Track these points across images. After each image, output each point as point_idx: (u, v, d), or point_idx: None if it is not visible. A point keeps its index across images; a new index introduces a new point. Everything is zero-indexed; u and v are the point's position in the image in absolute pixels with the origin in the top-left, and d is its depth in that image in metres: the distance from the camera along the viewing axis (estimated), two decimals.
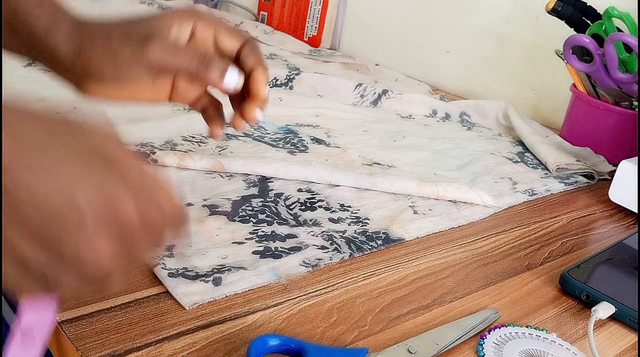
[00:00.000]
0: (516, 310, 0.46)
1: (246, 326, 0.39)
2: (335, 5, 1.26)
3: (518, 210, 0.64)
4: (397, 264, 0.50)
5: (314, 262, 0.48)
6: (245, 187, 0.59)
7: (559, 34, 0.81)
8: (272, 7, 1.36)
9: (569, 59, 0.78)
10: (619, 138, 0.79)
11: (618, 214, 0.67)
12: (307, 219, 0.54)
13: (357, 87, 0.94)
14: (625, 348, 0.44)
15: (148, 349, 0.36)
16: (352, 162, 0.69)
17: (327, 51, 1.22)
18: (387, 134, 0.81)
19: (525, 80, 1.03)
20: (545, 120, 0.99)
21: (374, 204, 0.59)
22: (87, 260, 0.26)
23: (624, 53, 0.75)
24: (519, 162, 0.78)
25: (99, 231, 0.26)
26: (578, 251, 0.57)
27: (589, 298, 0.47)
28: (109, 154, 0.28)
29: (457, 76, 1.12)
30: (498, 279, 0.50)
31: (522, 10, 1.01)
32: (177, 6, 0.45)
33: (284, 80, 0.94)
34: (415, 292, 0.46)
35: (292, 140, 0.72)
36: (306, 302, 0.43)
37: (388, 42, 1.22)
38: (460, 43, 1.11)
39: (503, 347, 0.41)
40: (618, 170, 0.66)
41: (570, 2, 0.80)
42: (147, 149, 0.61)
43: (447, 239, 0.55)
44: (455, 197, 0.62)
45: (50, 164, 0.25)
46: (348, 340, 0.40)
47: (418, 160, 0.73)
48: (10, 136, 0.25)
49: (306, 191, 0.60)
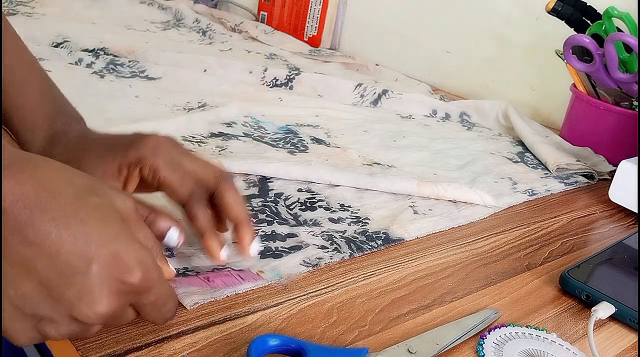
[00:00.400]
0: (516, 310, 0.46)
1: (246, 326, 0.39)
2: (335, 5, 1.26)
3: (518, 210, 0.64)
4: (397, 264, 0.50)
5: (314, 261, 0.48)
6: (245, 187, 0.59)
7: (559, 34, 0.81)
8: (272, 7, 1.36)
9: (569, 59, 0.78)
10: (619, 138, 0.79)
11: (618, 214, 0.67)
12: (307, 219, 0.54)
13: (357, 87, 0.94)
14: (625, 348, 0.44)
15: (148, 349, 0.36)
16: (352, 162, 0.69)
17: (327, 51, 1.22)
18: (387, 134, 0.81)
19: (525, 80, 1.03)
20: (545, 120, 0.99)
21: (374, 204, 0.59)
22: (83, 309, 0.30)
23: (624, 53, 0.75)
24: (519, 162, 0.78)
25: (103, 285, 0.30)
26: (578, 251, 0.57)
27: (589, 298, 0.47)
28: (125, 218, 0.32)
29: (457, 76, 1.12)
30: (498, 279, 0.50)
31: (522, 10, 1.01)
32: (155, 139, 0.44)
33: (284, 80, 0.94)
34: (415, 292, 0.46)
35: (292, 140, 0.72)
36: (306, 302, 0.43)
37: (388, 42, 1.22)
38: (460, 43, 1.11)
39: (503, 347, 0.41)
40: (618, 170, 0.66)
41: (570, 2, 0.80)
42: None
43: (447, 239, 0.55)
44: (455, 197, 0.62)
45: (75, 225, 0.29)
46: (348, 340, 0.40)
47: (418, 160, 0.73)
48: (44, 190, 0.29)
49: (306, 191, 0.60)
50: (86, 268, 0.29)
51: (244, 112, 0.78)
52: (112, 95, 0.79)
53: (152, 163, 0.42)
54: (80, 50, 0.92)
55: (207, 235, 0.42)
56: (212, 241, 0.42)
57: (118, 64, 0.89)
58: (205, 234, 0.42)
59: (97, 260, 0.29)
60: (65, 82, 0.81)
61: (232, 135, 0.71)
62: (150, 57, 0.93)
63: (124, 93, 0.80)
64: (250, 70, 0.95)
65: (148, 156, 0.42)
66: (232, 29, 1.28)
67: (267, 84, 0.94)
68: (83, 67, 0.87)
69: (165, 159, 0.42)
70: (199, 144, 0.67)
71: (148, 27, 1.20)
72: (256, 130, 0.74)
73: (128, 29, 1.15)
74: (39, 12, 1.14)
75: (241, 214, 0.44)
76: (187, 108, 0.78)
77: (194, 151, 0.46)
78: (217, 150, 0.66)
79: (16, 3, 1.18)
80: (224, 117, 0.76)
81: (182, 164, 0.43)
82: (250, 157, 0.63)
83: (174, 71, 0.90)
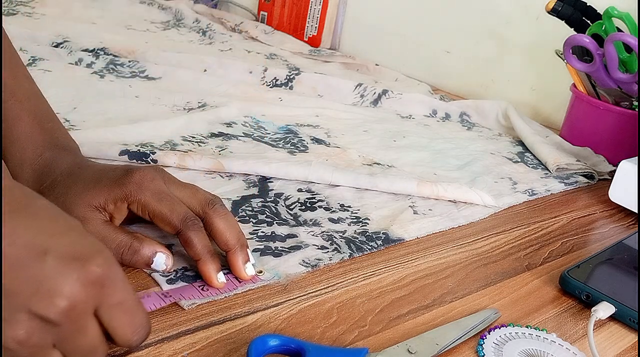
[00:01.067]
0: (516, 310, 0.46)
1: (246, 326, 0.39)
2: (335, 5, 1.26)
3: (518, 210, 0.64)
4: (397, 264, 0.50)
5: (313, 262, 0.48)
6: (245, 187, 0.59)
7: (559, 34, 0.81)
8: (272, 7, 1.36)
9: (569, 59, 0.78)
10: (619, 138, 0.79)
11: (618, 214, 0.67)
12: (307, 219, 0.54)
13: (357, 87, 0.94)
14: (625, 348, 0.44)
15: (148, 349, 0.36)
16: (352, 162, 0.69)
17: (327, 51, 1.22)
18: (387, 134, 0.81)
19: (525, 80, 1.03)
20: (545, 120, 0.99)
21: (374, 204, 0.59)
22: (41, 301, 0.28)
23: (624, 53, 0.75)
24: (519, 162, 0.78)
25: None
26: (578, 251, 0.57)
27: (589, 298, 0.47)
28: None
29: (457, 76, 1.12)
30: (498, 279, 0.50)
31: (522, 10, 1.01)
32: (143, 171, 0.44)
33: (284, 80, 0.94)
34: (415, 292, 0.46)
35: (292, 140, 0.72)
36: (306, 303, 0.43)
37: (388, 42, 1.22)
38: (460, 43, 1.11)
39: (503, 347, 0.41)
40: (618, 170, 0.66)
41: (570, 2, 0.80)
42: (147, 149, 0.61)
43: (447, 239, 0.55)
44: (455, 197, 0.62)
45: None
46: (348, 340, 0.40)
47: (418, 160, 0.73)
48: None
49: (306, 191, 0.60)
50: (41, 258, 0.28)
51: (244, 112, 0.78)
52: (112, 95, 0.79)
53: (139, 199, 0.42)
54: (80, 50, 0.92)
55: (202, 261, 0.42)
56: (208, 267, 0.42)
57: (118, 64, 0.89)
58: (200, 260, 0.42)
59: (52, 251, 0.28)
60: (65, 82, 0.81)
61: (232, 136, 0.71)
62: (150, 57, 0.93)
63: (124, 93, 0.80)
64: (250, 70, 0.95)
65: (133, 193, 0.42)
66: (232, 29, 1.28)
67: (267, 84, 0.94)
68: (83, 67, 0.87)
69: (151, 193, 0.42)
70: (199, 144, 0.67)
71: (148, 27, 1.20)
72: (256, 131, 0.74)
73: (128, 29, 1.15)
74: (39, 12, 1.14)
75: (230, 240, 0.43)
76: (187, 108, 0.78)
77: (182, 181, 0.46)
78: (217, 151, 0.66)
79: (16, 3, 1.18)
80: (224, 117, 0.76)
81: (169, 194, 0.43)
82: (250, 157, 0.63)
83: (174, 71, 0.90)
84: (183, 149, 0.65)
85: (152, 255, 0.41)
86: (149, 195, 0.42)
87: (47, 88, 0.55)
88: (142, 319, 0.32)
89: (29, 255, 0.28)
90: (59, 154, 0.47)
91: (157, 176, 0.44)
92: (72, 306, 0.28)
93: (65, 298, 0.28)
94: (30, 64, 0.83)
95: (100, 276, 0.29)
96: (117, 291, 0.30)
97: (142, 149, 0.61)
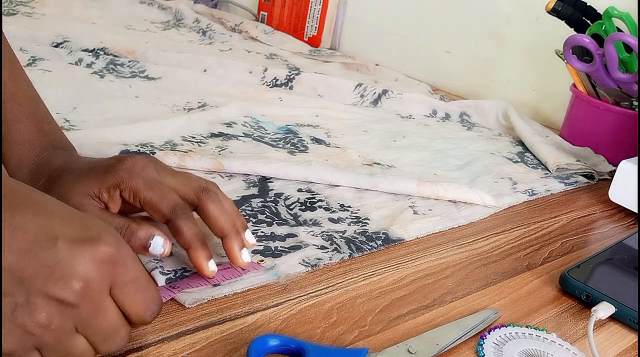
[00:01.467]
0: (516, 310, 0.46)
1: (246, 326, 0.39)
2: (335, 5, 1.26)
3: (518, 210, 0.64)
4: (397, 264, 0.50)
5: (313, 261, 0.48)
6: (245, 187, 0.59)
7: (559, 34, 0.81)
8: (272, 7, 1.36)
9: (569, 59, 0.78)
10: (619, 138, 0.79)
11: (618, 214, 0.67)
12: (307, 219, 0.54)
13: (357, 87, 0.94)
14: (625, 348, 0.44)
15: (148, 349, 0.36)
16: (352, 162, 0.69)
17: (327, 51, 1.22)
18: (387, 134, 0.81)
19: (525, 80, 1.03)
20: (545, 120, 0.99)
21: (374, 204, 0.59)
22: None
23: (624, 53, 0.75)
24: (519, 162, 0.78)
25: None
26: (578, 251, 0.57)
27: (589, 298, 0.47)
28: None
29: (457, 76, 1.12)
30: (498, 279, 0.50)
31: (522, 10, 1.01)
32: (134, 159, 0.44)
33: (284, 80, 0.94)
34: (415, 292, 0.46)
35: (292, 140, 0.72)
36: (306, 303, 0.43)
37: (388, 42, 1.22)
38: (460, 43, 1.11)
39: (503, 347, 0.41)
40: (618, 170, 0.66)
41: (570, 2, 0.80)
42: (147, 149, 0.61)
43: (447, 239, 0.55)
44: (455, 197, 0.62)
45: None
46: (348, 340, 0.40)
47: (418, 160, 0.73)
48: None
49: (306, 191, 0.60)
50: (52, 244, 0.29)
51: (244, 112, 0.78)
52: (112, 95, 0.79)
53: (130, 185, 0.42)
54: (80, 50, 0.92)
55: (192, 249, 0.41)
56: (198, 254, 0.41)
57: (118, 64, 0.89)
58: (190, 249, 0.41)
59: (62, 236, 0.29)
60: (65, 82, 0.81)
61: (232, 136, 0.71)
62: (150, 57, 0.93)
63: (124, 93, 0.80)
64: (250, 70, 0.95)
65: (125, 179, 0.42)
66: (232, 29, 1.27)
67: (267, 84, 0.94)
68: (83, 67, 0.87)
69: (143, 180, 0.42)
70: (198, 144, 0.67)
71: (148, 27, 1.20)
72: (256, 131, 0.74)
73: (128, 29, 1.15)
74: (39, 12, 1.14)
75: (225, 226, 0.43)
76: (187, 108, 0.78)
77: (177, 168, 0.46)
78: (217, 151, 0.66)
79: (16, 3, 1.18)
80: (224, 117, 0.76)
81: (161, 182, 0.43)
82: (250, 157, 0.63)
83: (174, 71, 0.90)
84: (183, 149, 0.65)
85: (149, 237, 0.41)
86: (140, 182, 0.42)
87: (47, 88, 0.55)
88: (154, 295, 0.33)
89: (41, 242, 0.29)
90: (55, 154, 0.47)
91: (149, 164, 0.43)
92: (87, 285, 0.29)
93: (80, 278, 0.29)
94: (30, 64, 0.83)
95: (111, 254, 0.30)
96: (128, 269, 0.31)
97: (142, 149, 0.61)
